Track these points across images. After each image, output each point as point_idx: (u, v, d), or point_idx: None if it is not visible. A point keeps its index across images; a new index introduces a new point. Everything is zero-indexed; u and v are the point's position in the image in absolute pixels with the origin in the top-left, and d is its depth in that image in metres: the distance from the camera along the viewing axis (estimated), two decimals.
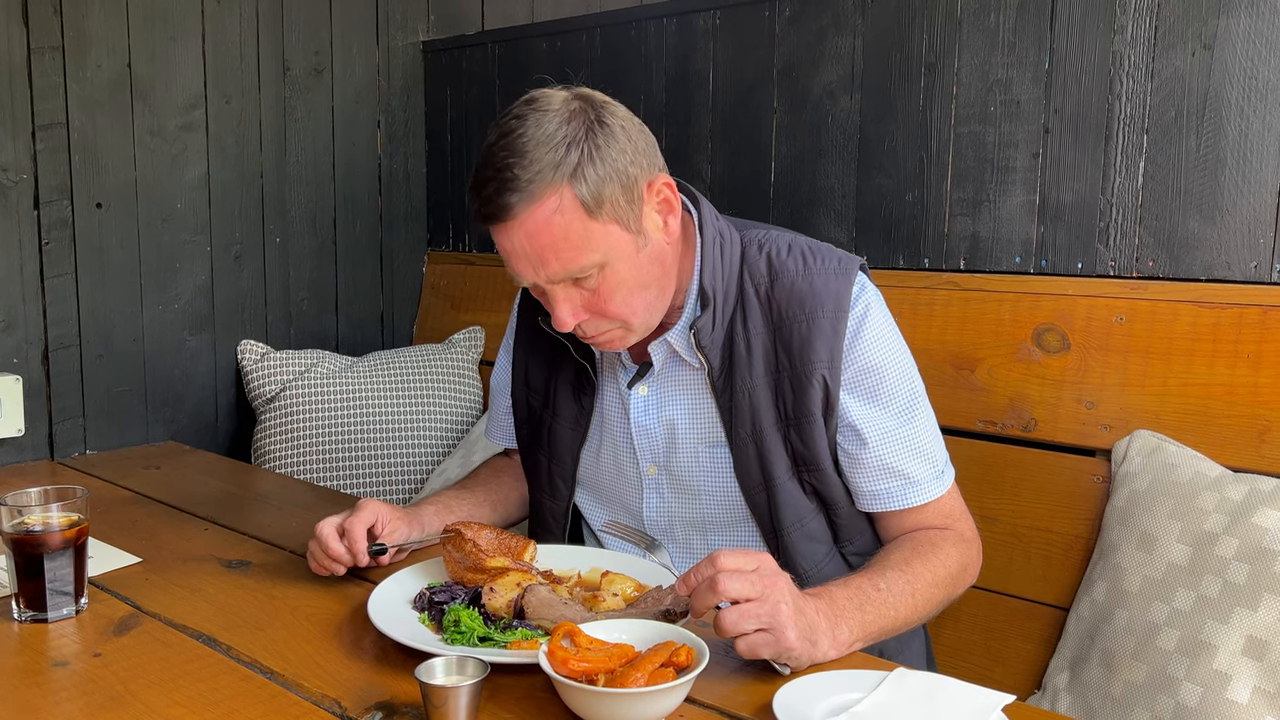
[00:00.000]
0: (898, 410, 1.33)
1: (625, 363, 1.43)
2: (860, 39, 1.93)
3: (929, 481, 1.34)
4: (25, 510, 1.29)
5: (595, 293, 1.26)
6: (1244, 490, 1.42)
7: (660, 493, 1.44)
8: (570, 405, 1.47)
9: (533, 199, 1.19)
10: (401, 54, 2.70)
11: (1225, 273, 1.58)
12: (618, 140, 1.23)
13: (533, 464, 1.53)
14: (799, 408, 1.32)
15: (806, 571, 1.36)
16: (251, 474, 2.12)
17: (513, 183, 1.19)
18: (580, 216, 1.21)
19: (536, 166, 1.19)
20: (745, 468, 1.35)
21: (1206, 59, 1.57)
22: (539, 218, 1.20)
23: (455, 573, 1.29)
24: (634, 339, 1.33)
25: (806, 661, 1.10)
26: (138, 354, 2.28)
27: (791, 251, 1.36)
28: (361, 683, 1.11)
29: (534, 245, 1.21)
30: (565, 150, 1.20)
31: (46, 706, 1.07)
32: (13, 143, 2.06)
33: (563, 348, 1.46)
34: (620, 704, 0.97)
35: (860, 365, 1.32)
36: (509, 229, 1.22)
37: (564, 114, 1.22)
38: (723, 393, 1.35)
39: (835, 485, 1.35)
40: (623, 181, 1.23)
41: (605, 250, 1.23)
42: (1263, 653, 1.30)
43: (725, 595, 1.05)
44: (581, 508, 1.53)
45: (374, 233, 2.69)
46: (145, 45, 2.23)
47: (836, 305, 1.31)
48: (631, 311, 1.28)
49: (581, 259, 1.22)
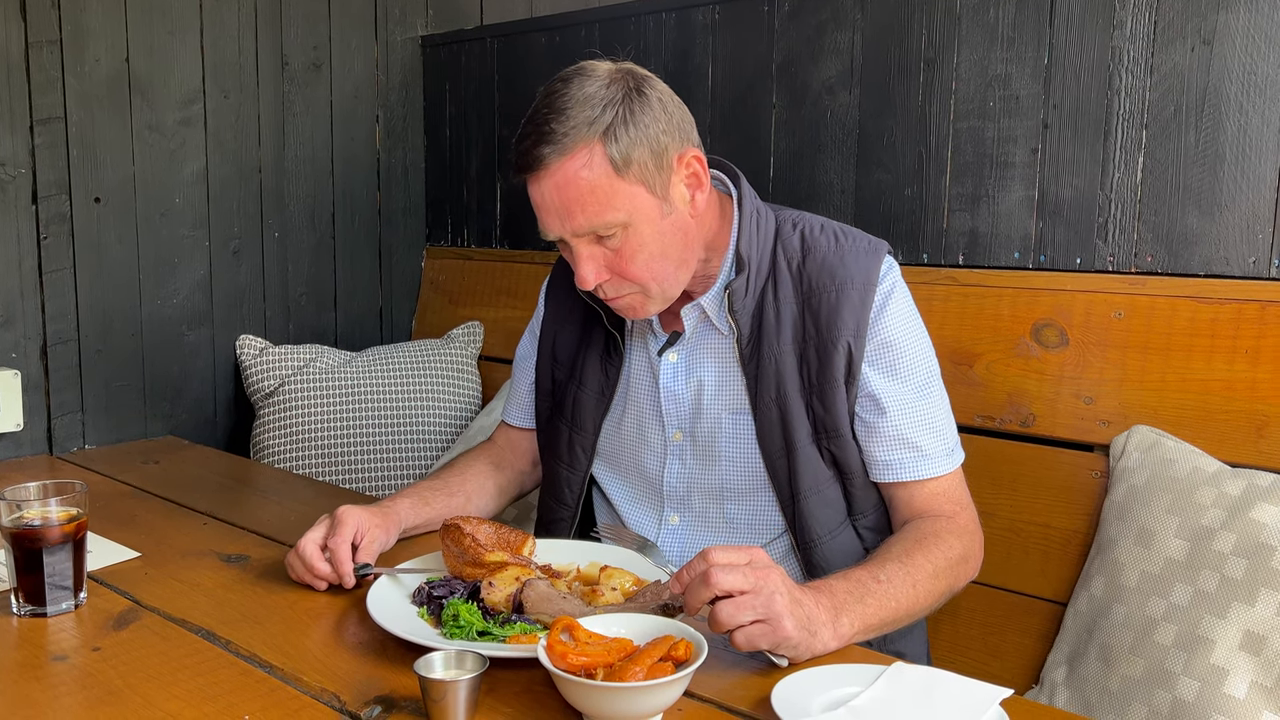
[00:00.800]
0: (915, 385, 1.39)
1: (656, 331, 1.48)
2: (859, 34, 1.93)
3: (940, 456, 1.38)
4: (24, 505, 1.29)
5: (618, 253, 1.32)
6: (1242, 485, 1.42)
7: (683, 459, 1.47)
8: (597, 374, 1.52)
9: (564, 152, 1.26)
10: (400, 49, 2.70)
11: (1224, 268, 1.58)
12: (652, 109, 1.30)
13: (552, 434, 1.56)
14: (822, 374, 1.37)
15: (820, 537, 1.39)
16: (250, 469, 2.12)
17: (548, 136, 1.27)
18: (608, 173, 1.27)
19: (572, 122, 1.26)
20: (768, 433, 1.39)
21: (1205, 54, 1.57)
22: (568, 170, 1.27)
23: (454, 567, 1.30)
24: (653, 307, 1.38)
25: (806, 653, 1.10)
26: (136, 349, 2.28)
27: (824, 230, 1.43)
28: (361, 677, 1.11)
29: (562, 197, 1.28)
30: (601, 110, 1.27)
31: (45, 701, 1.07)
32: (10, 137, 2.06)
33: (596, 317, 1.52)
34: (619, 698, 0.97)
35: (882, 339, 1.38)
36: (540, 180, 1.29)
37: (606, 80, 1.30)
38: (750, 360, 1.40)
39: (853, 453, 1.39)
40: (653, 148, 1.29)
41: (629, 210, 1.29)
42: (1260, 647, 1.30)
43: (718, 589, 1.06)
44: (598, 477, 1.56)
45: (373, 228, 2.69)
46: (143, 40, 2.23)
47: (865, 280, 1.38)
48: (651, 277, 1.34)
49: (605, 215, 1.28)
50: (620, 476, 1.53)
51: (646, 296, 1.36)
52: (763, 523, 1.44)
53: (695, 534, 1.47)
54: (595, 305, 1.50)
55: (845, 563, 1.38)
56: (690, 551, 1.46)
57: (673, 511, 1.48)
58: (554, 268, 1.64)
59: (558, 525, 1.56)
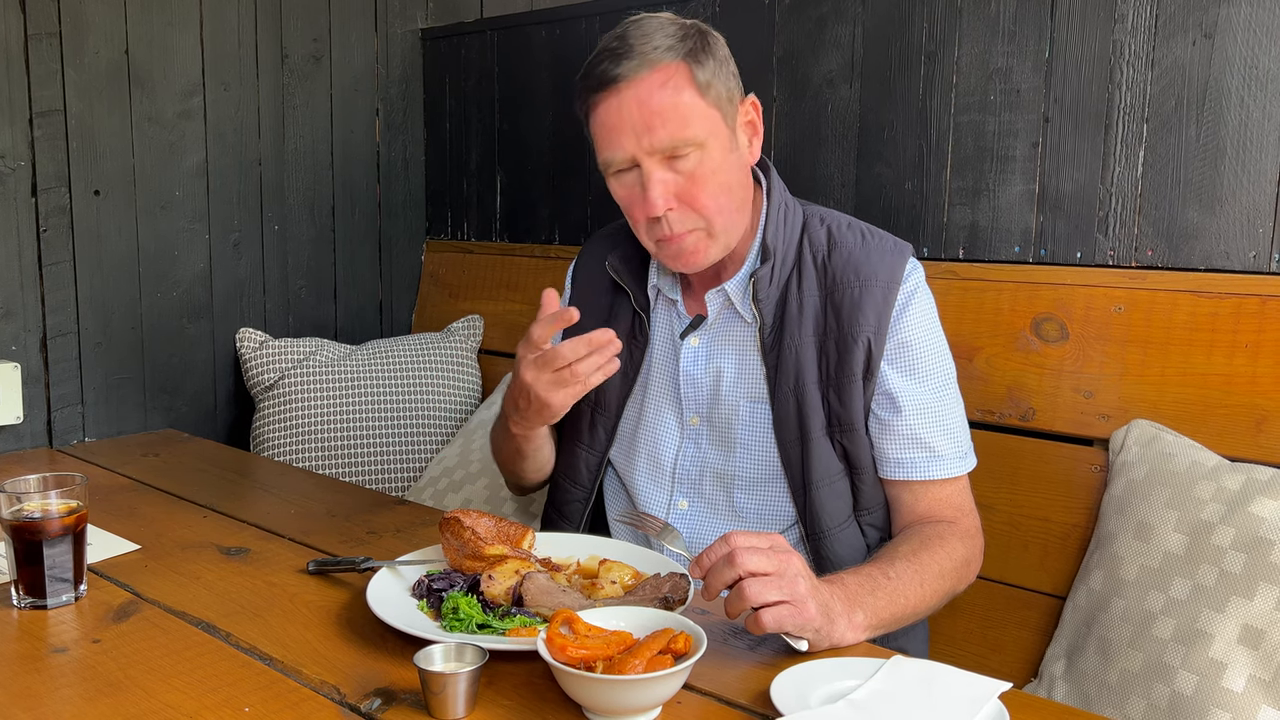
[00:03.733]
0: (933, 387, 1.40)
1: (680, 313, 1.49)
2: (860, 27, 1.92)
3: (953, 459, 1.39)
4: (24, 497, 1.29)
5: (690, 178, 1.32)
6: (1241, 479, 1.42)
7: (698, 444, 1.47)
8: (622, 355, 1.51)
9: (651, 66, 1.30)
10: (400, 41, 2.69)
11: (1224, 262, 1.58)
12: (723, 50, 1.36)
13: (573, 415, 1.55)
14: (841, 368, 1.38)
15: (830, 529, 1.40)
16: (250, 461, 2.12)
17: (631, 52, 1.30)
18: (692, 91, 1.30)
19: (655, 43, 1.31)
20: (784, 422, 1.40)
21: (1207, 48, 1.57)
22: (655, 82, 1.29)
23: (454, 560, 1.30)
24: (714, 252, 1.38)
25: (825, 640, 1.11)
26: (136, 341, 2.28)
27: (851, 227, 1.45)
28: (361, 669, 1.11)
29: (644, 111, 1.29)
30: (681, 39, 1.32)
31: (46, 692, 1.08)
32: (10, 129, 2.06)
33: (623, 298, 1.53)
34: (618, 690, 0.97)
35: (902, 339, 1.38)
36: (620, 94, 1.30)
37: (676, 21, 1.35)
38: (770, 349, 1.41)
39: (864, 449, 1.40)
40: (727, 82, 1.34)
41: (707, 132, 1.32)
42: (1258, 641, 1.30)
43: (743, 569, 1.07)
44: (611, 458, 1.56)
45: (372, 221, 2.68)
46: (143, 32, 2.22)
47: (890, 278, 1.39)
48: (718, 209, 1.35)
49: (686, 130, 1.30)
50: (633, 459, 1.53)
51: (710, 236, 1.36)
52: (772, 513, 1.44)
53: (703, 520, 1.47)
54: (625, 284, 1.51)
55: (852, 556, 1.39)
56: (697, 537, 1.46)
57: (682, 496, 1.48)
58: (582, 250, 1.65)
59: (571, 507, 1.55)
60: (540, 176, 2.51)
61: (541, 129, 2.49)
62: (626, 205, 1.38)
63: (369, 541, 1.52)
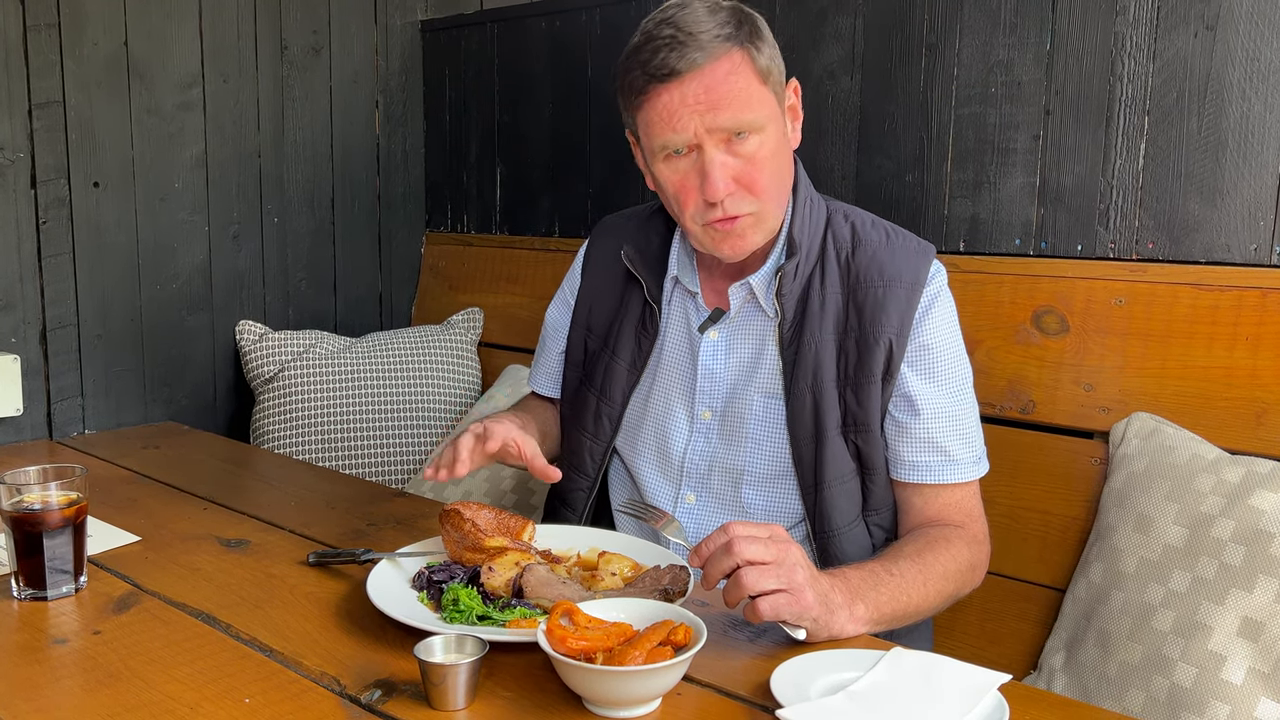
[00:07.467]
0: (951, 391, 1.39)
1: (699, 306, 1.48)
2: (861, 19, 1.92)
3: (967, 464, 1.39)
4: (24, 489, 1.29)
5: (750, 160, 1.32)
6: (1241, 472, 1.42)
7: (709, 438, 1.47)
8: (630, 346, 1.52)
9: (714, 56, 1.29)
10: (400, 33, 2.69)
11: (1225, 255, 1.58)
12: (769, 32, 1.36)
13: (579, 403, 1.56)
14: (860, 368, 1.38)
15: (839, 528, 1.39)
16: (250, 454, 2.12)
17: (691, 41, 1.29)
18: (754, 78, 1.31)
19: (714, 32, 1.29)
20: (799, 419, 1.39)
21: (1208, 40, 1.57)
22: (720, 71, 1.29)
23: (454, 552, 1.30)
24: (757, 238, 1.37)
25: (823, 630, 1.11)
26: (136, 334, 2.28)
27: (875, 225, 1.44)
28: (361, 661, 1.11)
29: (710, 96, 1.29)
30: (735, 26, 1.31)
31: (46, 684, 1.08)
32: (9, 121, 2.05)
33: (634, 288, 1.52)
34: (618, 682, 0.97)
35: (923, 341, 1.38)
36: (684, 83, 1.29)
37: (718, 4, 1.34)
38: (789, 345, 1.40)
39: (878, 449, 1.39)
40: (778, 67, 1.35)
41: (767, 116, 1.32)
42: (1258, 634, 1.31)
43: (741, 558, 1.07)
44: (619, 449, 1.56)
45: (372, 213, 2.68)
46: (142, 23, 2.22)
47: (914, 279, 1.38)
48: (771, 194, 1.35)
49: (750, 113, 1.30)
50: (641, 451, 1.53)
51: (759, 221, 1.36)
52: (779, 510, 1.44)
53: (710, 515, 1.47)
54: (640, 275, 1.50)
55: (858, 556, 1.38)
56: (704, 532, 1.46)
57: (690, 490, 1.48)
58: (592, 236, 1.64)
59: (575, 496, 1.55)
60: (540, 169, 2.51)
61: (542, 121, 2.49)
62: (677, 189, 1.35)
63: (369, 533, 1.52)
